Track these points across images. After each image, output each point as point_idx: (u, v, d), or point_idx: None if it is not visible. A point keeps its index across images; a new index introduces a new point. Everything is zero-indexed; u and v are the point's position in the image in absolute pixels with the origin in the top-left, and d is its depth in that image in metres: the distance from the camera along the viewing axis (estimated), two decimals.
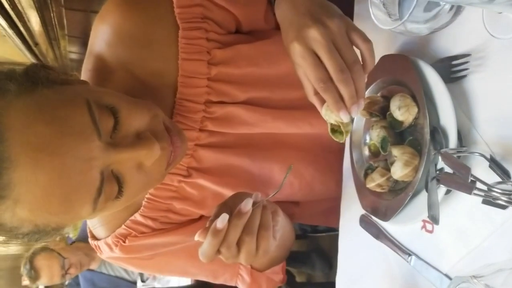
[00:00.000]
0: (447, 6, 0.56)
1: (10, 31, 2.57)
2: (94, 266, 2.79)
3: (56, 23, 2.85)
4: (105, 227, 0.91)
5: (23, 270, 2.55)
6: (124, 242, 0.90)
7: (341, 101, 0.68)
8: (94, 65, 0.85)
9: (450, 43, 0.68)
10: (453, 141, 0.63)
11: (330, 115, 0.72)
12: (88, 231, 0.95)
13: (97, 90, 0.73)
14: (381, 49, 0.80)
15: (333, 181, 1.00)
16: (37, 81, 0.63)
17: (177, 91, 0.85)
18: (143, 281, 2.72)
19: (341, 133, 0.75)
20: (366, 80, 0.73)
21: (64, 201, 0.60)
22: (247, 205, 0.69)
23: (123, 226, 0.90)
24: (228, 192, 0.90)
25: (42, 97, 0.61)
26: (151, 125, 0.70)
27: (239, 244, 0.69)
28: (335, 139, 0.77)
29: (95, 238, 0.94)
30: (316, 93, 0.71)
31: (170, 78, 0.85)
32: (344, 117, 0.69)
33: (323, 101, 0.71)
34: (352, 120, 0.73)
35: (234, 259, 0.71)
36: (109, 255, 0.93)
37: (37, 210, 0.59)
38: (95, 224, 0.93)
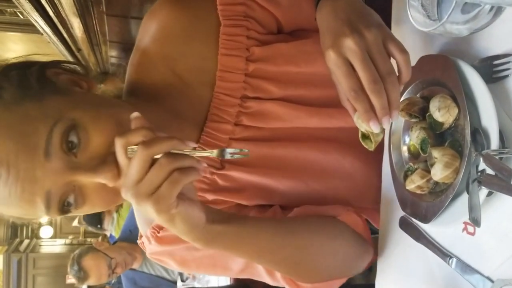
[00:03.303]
0: (487, 7, 0.56)
1: (54, 38, 2.67)
2: (136, 265, 2.85)
3: (98, 29, 2.93)
4: (146, 221, 0.94)
5: (71, 271, 2.64)
6: (159, 232, 0.92)
7: (371, 111, 0.68)
8: (138, 59, 0.90)
9: (491, 43, 0.67)
10: (494, 142, 0.62)
11: (361, 124, 0.72)
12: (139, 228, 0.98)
13: (75, 109, 0.70)
14: (420, 50, 0.80)
15: (374, 171, 0.99)
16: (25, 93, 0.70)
17: (215, 85, 0.88)
18: (183, 280, 2.76)
19: (371, 140, 0.75)
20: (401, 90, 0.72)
21: (16, 207, 0.69)
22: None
23: None
24: (263, 182, 0.92)
25: (17, 113, 0.68)
26: None
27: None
28: (364, 145, 0.77)
29: (142, 236, 0.97)
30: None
31: (209, 74, 0.88)
32: (374, 128, 0.69)
33: (355, 108, 0.71)
34: (383, 130, 0.72)
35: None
36: (149, 248, 0.95)
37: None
38: (139, 217, 0.96)
